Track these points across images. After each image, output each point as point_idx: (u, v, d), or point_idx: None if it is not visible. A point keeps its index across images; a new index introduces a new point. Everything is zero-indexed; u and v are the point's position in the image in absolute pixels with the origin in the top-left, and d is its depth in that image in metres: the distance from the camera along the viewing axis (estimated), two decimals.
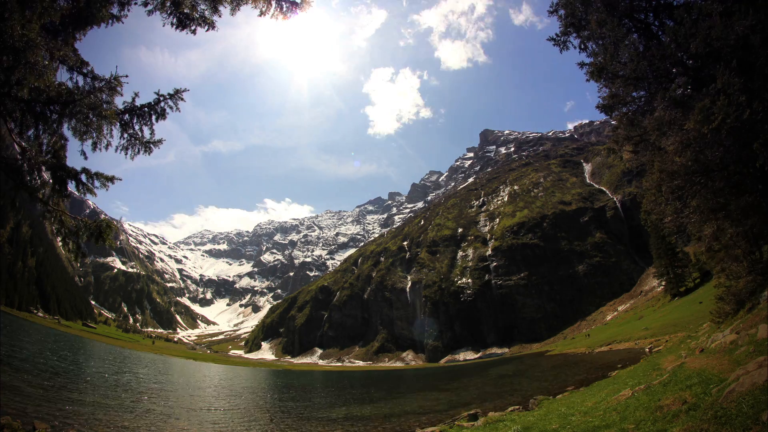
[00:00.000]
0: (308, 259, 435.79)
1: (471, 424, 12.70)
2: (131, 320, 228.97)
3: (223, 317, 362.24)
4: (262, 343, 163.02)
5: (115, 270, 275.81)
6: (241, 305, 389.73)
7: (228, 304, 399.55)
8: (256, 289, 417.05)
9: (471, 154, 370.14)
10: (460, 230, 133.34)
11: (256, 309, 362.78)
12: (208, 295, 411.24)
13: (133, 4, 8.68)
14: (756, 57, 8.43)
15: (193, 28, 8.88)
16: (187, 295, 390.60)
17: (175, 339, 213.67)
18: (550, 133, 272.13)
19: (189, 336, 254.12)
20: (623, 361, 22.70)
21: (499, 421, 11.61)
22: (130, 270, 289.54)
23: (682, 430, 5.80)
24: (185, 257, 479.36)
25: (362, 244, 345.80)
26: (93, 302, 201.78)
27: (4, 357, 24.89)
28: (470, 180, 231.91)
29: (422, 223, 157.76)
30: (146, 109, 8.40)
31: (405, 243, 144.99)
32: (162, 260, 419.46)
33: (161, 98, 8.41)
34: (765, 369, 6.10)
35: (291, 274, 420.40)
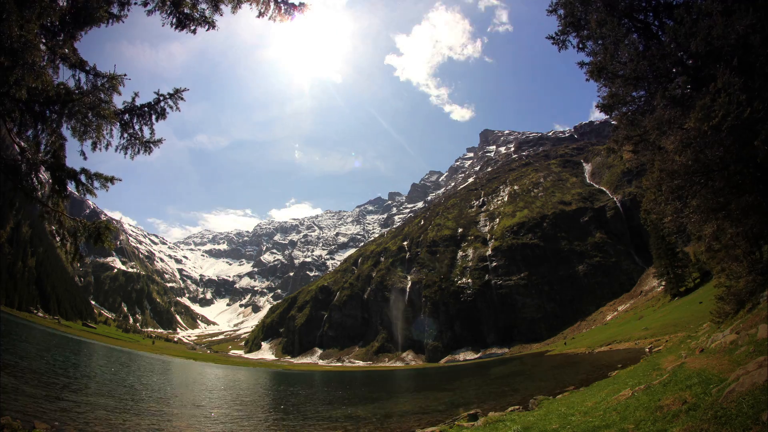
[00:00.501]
0: (308, 259, 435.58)
1: (471, 424, 12.69)
2: (131, 320, 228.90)
3: (223, 317, 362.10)
4: (262, 343, 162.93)
5: (115, 270, 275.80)
6: (241, 305, 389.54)
7: (228, 304, 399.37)
8: (256, 289, 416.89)
9: (471, 154, 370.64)
10: (460, 230, 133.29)
11: (256, 309, 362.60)
12: (208, 295, 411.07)
13: (133, 4, 8.65)
14: (756, 56, 8.42)
15: (193, 27, 8.84)
16: (187, 295, 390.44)
17: (175, 339, 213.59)
18: (550, 133, 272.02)
19: (189, 336, 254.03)
20: (623, 361, 22.68)
21: (499, 421, 11.60)
22: (130, 270, 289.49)
23: (682, 430, 5.79)
24: (185, 257, 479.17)
25: (362, 244, 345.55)
26: (93, 302, 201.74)
27: (4, 357, 24.87)
28: (470, 180, 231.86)
29: (422, 223, 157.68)
30: (146, 108, 8.39)
31: (405, 243, 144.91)
32: (162, 260, 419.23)
33: (161, 98, 8.39)
34: (765, 369, 6.10)
35: (291, 274, 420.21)
